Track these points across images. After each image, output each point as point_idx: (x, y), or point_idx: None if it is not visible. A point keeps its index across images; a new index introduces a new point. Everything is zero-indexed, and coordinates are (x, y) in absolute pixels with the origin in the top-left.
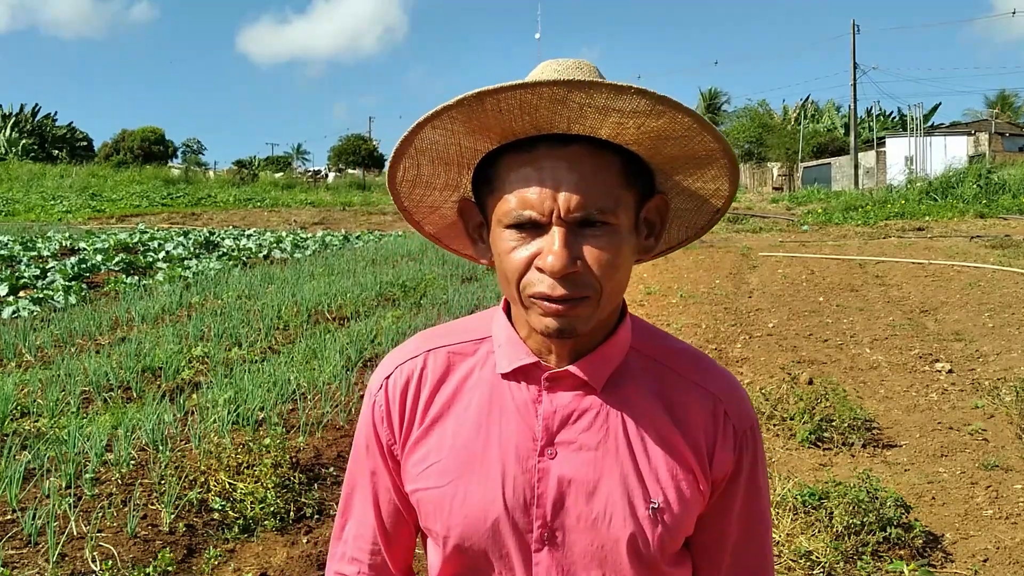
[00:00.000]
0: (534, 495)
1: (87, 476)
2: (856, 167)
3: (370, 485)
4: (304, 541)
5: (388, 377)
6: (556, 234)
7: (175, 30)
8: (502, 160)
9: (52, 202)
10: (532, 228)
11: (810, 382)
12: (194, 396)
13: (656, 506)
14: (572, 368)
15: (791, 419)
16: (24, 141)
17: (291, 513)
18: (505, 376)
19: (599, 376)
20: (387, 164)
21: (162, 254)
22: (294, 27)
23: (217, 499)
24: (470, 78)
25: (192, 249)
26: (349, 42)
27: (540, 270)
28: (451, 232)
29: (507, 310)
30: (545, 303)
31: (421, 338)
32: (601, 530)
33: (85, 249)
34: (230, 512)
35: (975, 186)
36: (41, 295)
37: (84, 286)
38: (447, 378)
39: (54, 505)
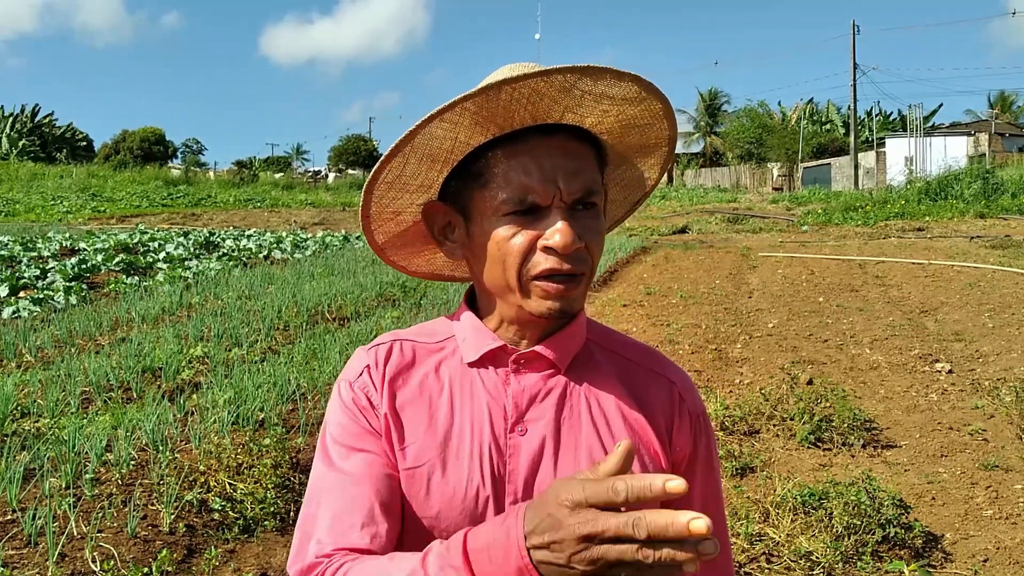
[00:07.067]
0: (506, 471)
1: (87, 476)
2: (856, 167)
3: (362, 460)
4: None
5: (367, 365)
6: (561, 215)
7: (200, 34)
8: (494, 153)
9: (52, 202)
10: (531, 213)
11: (810, 382)
12: (194, 396)
13: None
14: (539, 348)
15: (791, 419)
16: (24, 141)
17: (291, 513)
18: (472, 364)
19: (564, 356)
20: (380, 160)
21: (162, 254)
22: (317, 27)
23: (217, 499)
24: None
25: (192, 249)
26: (369, 43)
27: (547, 249)
28: (399, 241)
29: (471, 307)
30: (548, 284)
31: (389, 333)
32: None
33: (85, 249)
34: (230, 512)
35: (975, 186)
36: (41, 295)
37: (84, 286)
38: (414, 366)
39: (54, 505)
